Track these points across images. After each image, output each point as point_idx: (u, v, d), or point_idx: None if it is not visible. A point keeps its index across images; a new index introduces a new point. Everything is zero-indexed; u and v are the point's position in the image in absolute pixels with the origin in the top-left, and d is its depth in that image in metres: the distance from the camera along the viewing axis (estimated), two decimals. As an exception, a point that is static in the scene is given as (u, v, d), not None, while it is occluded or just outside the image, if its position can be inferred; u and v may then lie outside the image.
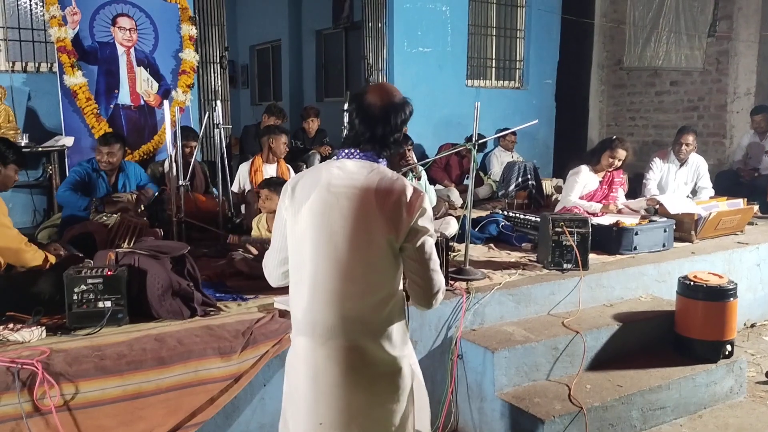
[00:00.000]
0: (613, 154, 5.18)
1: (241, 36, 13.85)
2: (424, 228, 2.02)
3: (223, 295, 3.57)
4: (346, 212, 1.99)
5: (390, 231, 1.98)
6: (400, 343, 2.09)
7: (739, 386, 3.96)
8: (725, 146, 8.40)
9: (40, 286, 3.24)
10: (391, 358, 2.07)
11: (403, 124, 2.13)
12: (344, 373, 2.03)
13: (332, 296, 2.02)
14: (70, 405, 2.56)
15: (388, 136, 2.09)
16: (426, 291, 2.06)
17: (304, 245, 2.04)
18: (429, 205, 2.05)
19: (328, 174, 2.05)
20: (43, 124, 5.93)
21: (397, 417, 2.10)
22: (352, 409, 2.05)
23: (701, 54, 8.52)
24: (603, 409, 3.38)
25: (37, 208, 5.87)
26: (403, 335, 2.12)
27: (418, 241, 2.01)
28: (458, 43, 8.40)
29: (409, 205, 1.99)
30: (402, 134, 2.16)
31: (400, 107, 2.11)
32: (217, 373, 2.86)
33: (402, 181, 2.05)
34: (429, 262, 2.05)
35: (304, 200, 2.04)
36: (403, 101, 2.13)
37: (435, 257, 2.06)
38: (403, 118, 2.12)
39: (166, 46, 6.35)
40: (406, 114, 2.13)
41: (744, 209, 5.48)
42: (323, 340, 2.04)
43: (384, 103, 2.09)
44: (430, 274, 2.05)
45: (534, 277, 4.15)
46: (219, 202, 4.91)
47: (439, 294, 2.09)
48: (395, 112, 2.10)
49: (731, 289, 3.89)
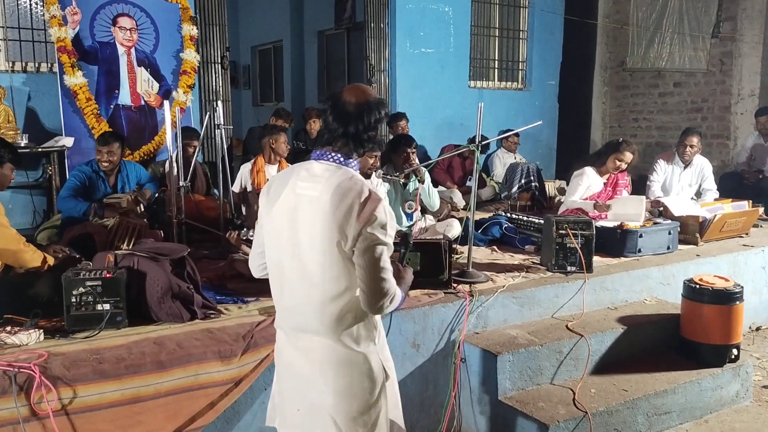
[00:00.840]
0: (620, 156, 5.13)
1: (242, 36, 13.82)
2: (372, 235, 2.00)
3: (224, 297, 3.53)
4: (305, 215, 2.06)
5: (340, 235, 2.00)
6: (364, 340, 2.15)
7: (745, 391, 3.92)
8: (729, 148, 8.35)
9: (38, 288, 3.20)
10: (356, 354, 2.14)
11: (377, 123, 2.14)
12: (312, 367, 2.15)
13: (296, 294, 2.13)
14: (67, 409, 2.53)
15: (362, 133, 2.11)
16: (369, 298, 2.05)
17: (273, 243, 2.16)
18: (385, 213, 2.02)
19: (297, 176, 2.12)
20: (43, 124, 5.90)
21: (370, 410, 2.17)
22: (324, 400, 2.15)
23: (705, 55, 8.48)
24: (608, 413, 3.34)
25: (36, 209, 5.84)
26: (367, 333, 2.16)
27: (365, 248, 2.01)
28: (461, 43, 8.37)
29: (360, 211, 1.99)
30: (376, 133, 2.16)
31: (375, 106, 2.13)
32: (218, 377, 2.83)
33: (359, 186, 2.04)
34: (373, 270, 2.02)
35: (275, 200, 2.13)
36: (378, 101, 2.15)
37: (383, 266, 2.03)
38: (377, 117, 2.13)
39: (167, 46, 6.31)
40: (380, 114, 2.14)
41: (749, 211, 5.43)
42: (293, 334, 2.19)
43: (359, 101, 2.11)
44: (373, 283, 2.03)
45: (538, 279, 4.10)
46: (220, 203, 4.86)
47: (386, 303, 2.07)
48: (369, 110, 2.11)
49: (737, 293, 3.84)
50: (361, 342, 2.14)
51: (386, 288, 2.05)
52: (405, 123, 7.28)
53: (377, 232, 2.00)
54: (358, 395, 2.15)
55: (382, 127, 2.20)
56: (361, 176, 2.12)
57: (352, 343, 2.12)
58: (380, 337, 2.27)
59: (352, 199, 2.00)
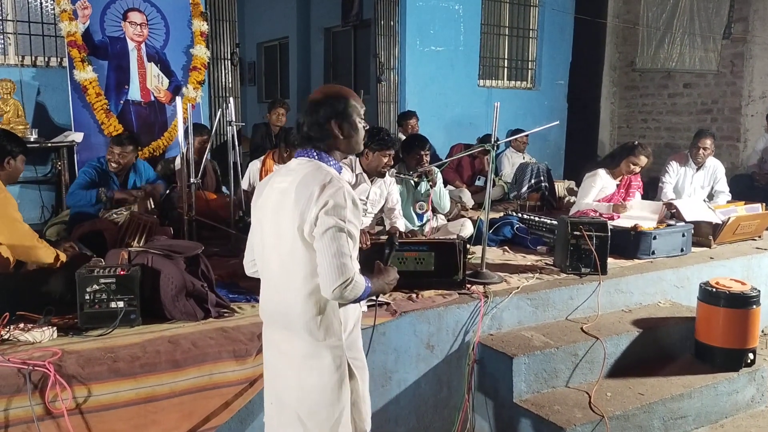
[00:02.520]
0: (635, 160, 5.09)
1: (248, 33, 13.77)
2: (329, 220, 2.02)
3: (236, 296, 3.50)
4: (274, 206, 2.16)
5: (300, 221, 2.06)
6: (330, 335, 2.16)
7: (760, 395, 3.88)
8: (739, 150, 8.30)
9: (50, 285, 3.18)
10: (320, 349, 2.16)
11: (328, 118, 2.17)
12: (281, 360, 2.25)
13: (269, 285, 2.26)
14: (82, 408, 2.50)
15: (307, 129, 2.18)
16: (324, 279, 2.04)
17: (256, 238, 2.29)
18: (345, 199, 2.05)
19: (277, 172, 2.27)
20: (53, 119, 5.87)
21: (333, 406, 2.18)
22: (291, 394, 2.23)
23: (716, 56, 8.43)
24: (624, 417, 3.30)
25: (45, 205, 5.81)
26: (328, 327, 2.16)
27: (321, 231, 2.03)
28: (471, 42, 8.33)
29: (318, 196, 2.04)
30: (323, 128, 2.17)
31: (326, 101, 2.18)
32: (232, 376, 2.80)
33: (322, 174, 2.10)
34: (328, 252, 2.03)
35: (258, 197, 2.28)
36: (332, 96, 2.20)
37: (340, 249, 2.03)
38: (327, 114, 2.16)
39: (177, 41, 6.28)
40: (329, 110, 2.17)
41: (762, 214, 5.39)
42: (268, 327, 2.32)
43: (313, 97, 2.21)
44: (328, 266, 2.03)
45: (552, 281, 4.07)
46: (230, 200, 4.83)
47: (342, 287, 2.03)
48: (318, 106, 2.18)
49: (754, 296, 3.80)
50: (327, 337, 2.16)
51: (341, 271, 2.02)
52: (415, 122, 7.24)
53: (334, 216, 2.03)
54: (322, 391, 2.17)
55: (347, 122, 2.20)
56: (331, 169, 2.16)
57: (317, 337, 2.15)
58: (350, 332, 2.25)
59: (313, 186, 2.06)
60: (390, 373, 3.33)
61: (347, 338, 2.23)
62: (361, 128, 2.25)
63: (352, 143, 2.25)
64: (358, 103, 2.26)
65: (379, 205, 4.69)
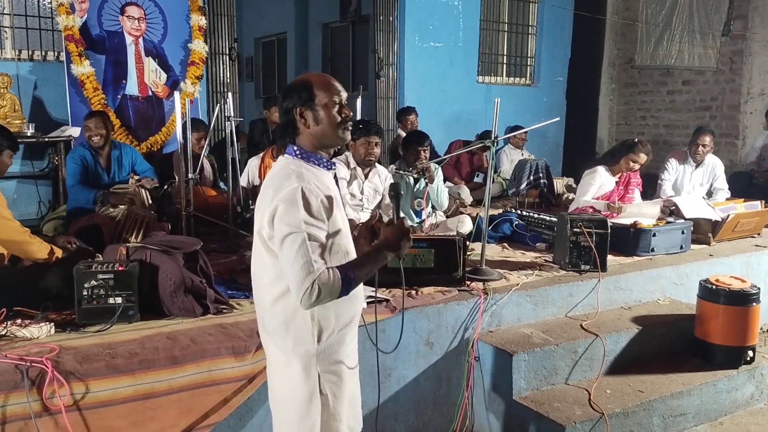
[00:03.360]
0: (634, 157, 5.07)
1: (246, 28, 13.71)
2: (281, 227, 1.91)
3: (235, 292, 3.49)
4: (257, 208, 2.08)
5: (259, 226, 2.01)
6: (292, 344, 2.05)
7: (759, 393, 3.88)
8: (737, 147, 8.30)
9: (47, 280, 3.16)
10: (284, 355, 2.08)
11: (291, 108, 2.03)
12: (267, 364, 2.21)
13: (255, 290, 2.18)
14: (80, 405, 2.48)
15: (280, 121, 2.09)
16: (292, 290, 1.92)
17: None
18: (298, 200, 1.90)
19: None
20: (50, 113, 5.83)
21: (303, 420, 2.07)
22: (270, 399, 2.21)
23: (715, 53, 8.42)
24: (624, 415, 3.29)
25: (42, 200, 5.78)
26: (298, 335, 2.04)
27: (277, 238, 1.94)
28: (470, 38, 8.31)
29: (272, 199, 1.95)
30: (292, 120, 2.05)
31: (291, 90, 2.06)
32: (231, 373, 2.78)
33: (283, 175, 1.98)
34: (286, 260, 1.91)
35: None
36: (296, 84, 2.06)
37: (295, 257, 1.89)
38: (290, 103, 2.04)
39: (175, 36, 6.25)
40: (293, 99, 2.04)
41: (762, 211, 5.38)
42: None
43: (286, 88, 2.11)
44: (289, 274, 1.91)
45: (551, 278, 4.06)
46: (229, 196, 4.81)
47: (305, 295, 1.87)
48: (285, 95, 2.07)
49: (754, 294, 3.80)
50: (295, 345, 2.05)
51: (301, 277, 1.87)
52: (414, 117, 7.21)
53: (286, 222, 1.90)
54: (292, 401, 2.09)
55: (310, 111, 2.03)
56: (300, 165, 2.02)
57: (284, 345, 2.06)
58: (330, 336, 2.08)
59: (269, 189, 1.99)
60: (389, 370, 3.32)
61: (326, 343, 2.07)
62: (330, 119, 2.03)
63: (320, 135, 2.05)
64: (328, 91, 2.04)
65: (374, 201, 4.66)
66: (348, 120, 2.08)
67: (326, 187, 2.03)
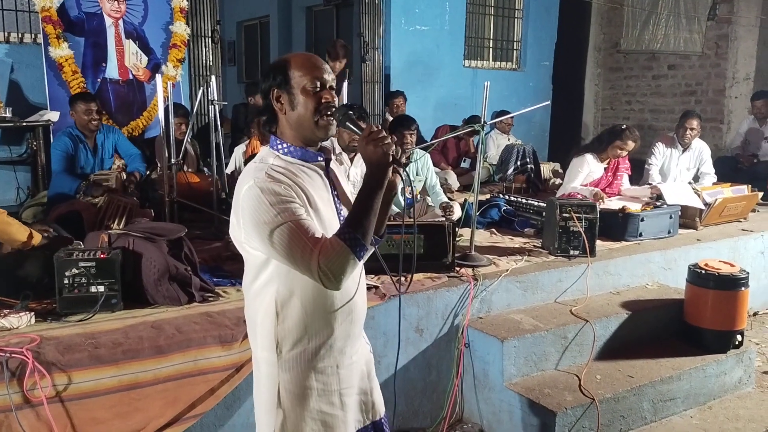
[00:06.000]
0: (622, 144, 5.04)
1: (228, 11, 13.45)
2: (259, 230, 1.72)
3: (221, 279, 3.43)
4: None
5: (231, 227, 1.82)
6: (267, 347, 1.85)
7: (748, 377, 3.89)
8: (722, 132, 8.32)
9: (27, 268, 3.08)
10: (258, 357, 1.91)
11: (267, 91, 1.83)
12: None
13: None
14: (62, 396, 2.42)
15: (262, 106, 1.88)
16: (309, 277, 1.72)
17: None
18: (260, 195, 1.70)
19: None
20: (27, 97, 5.68)
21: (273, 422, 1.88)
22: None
23: (700, 38, 8.40)
24: (615, 400, 3.28)
25: (20, 186, 5.65)
26: (271, 339, 1.84)
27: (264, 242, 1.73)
28: (456, 21, 8.22)
29: (239, 203, 1.75)
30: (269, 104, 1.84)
31: (268, 71, 1.84)
32: (218, 362, 2.73)
33: (251, 172, 1.77)
34: (282, 255, 1.72)
35: None
36: (274, 64, 1.85)
37: (290, 250, 1.68)
38: (267, 85, 1.83)
39: (156, 18, 6.10)
40: (269, 81, 1.82)
41: (749, 196, 5.39)
42: None
43: None
44: (296, 266, 1.72)
45: (541, 263, 4.03)
46: (213, 181, 4.72)
47: (322, 276, 1.67)
48: (263, 77, 1.86)
49: (743, 278, 3.80)
50: (266, 348, 1.86)
51: (307, 266, 1.68)
52: (402, 101, 7.14)
53: (261, 223, 1.70)
54: (261, 405, 1.93)
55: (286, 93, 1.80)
56: (268, 159, 1.82)
57: (255, 346, 1.91)
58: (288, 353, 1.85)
59: (238, 189, 1.78)
60: (379, 357, 3.25)
61: (288, 354, 1.85)
62: (306, 104, 1.79)
63: (297, 123, 1.81)
64: (306, 70, 1.80)
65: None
66: (329, 106, 1.79)
67: (304, 179, 1.80)
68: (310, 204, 1.77)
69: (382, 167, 1.69)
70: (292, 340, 1.84)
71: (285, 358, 1.85)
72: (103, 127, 4.98)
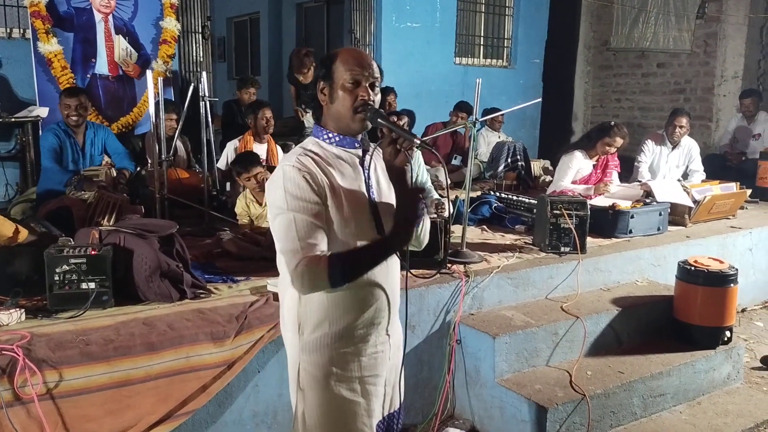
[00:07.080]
0: (611, 141, 5.06)
1: (218, 7, 13.40)
2: (270, 209, 1.84)
3: (213, 276, 3.41)
4: None
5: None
6: (291, 328, 1.95)
7: (736, 372, 3.92)
8: (711, 130, 8.37)
9: (16, 265, 3.04)
10: (286, 338, 2.02)
11: (316, 81, 1.93)
12: None
13: None
14: (53, 393, 2.40)
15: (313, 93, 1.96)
16: (287, 269, 1.80)
17: None
18: (281, 179, 1.79)
19: None
20: (16, 93, 5.64)
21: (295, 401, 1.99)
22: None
23: (689, 36, 8.44)
24: (605, 396, 3.30)
25: (9, 182, 5.61)
26: (294, 320, 1.92)
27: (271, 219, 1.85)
28: (447, 19, 8.23)
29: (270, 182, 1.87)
30: (315, 94, 1.93)
31: (320, 62, 1.95)
32: (210, 359, 2.72)
33: (290, 153, 1.89)
34: (276, 240, 1.83)
35: None
36: (325, 56, 1.94)
37: (284, 239, 1.78)
38: (316, 76, 1.95)
39: (146, 13, 6.07)
40: (318, 71, 1.93)
41: (737, 193, 5.44)
42: None
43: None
44: (282, 254, 1.82)
45: (532, 260, 4.04)
46: (204, 178, 4.70)
47: (295, 277, 1.76)
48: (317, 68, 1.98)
49: (732, 275, 3.83)
50: (290, 332, 1.97)
51: (288, 260, 1.77)
52: (393, 98, 7.13)
53: (272, 202, 1.82)
54: (291, 387, 2.02)
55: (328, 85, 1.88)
56: (307, 145, 1.91)
57: (284, 330, 2.01)
58: (309, 336, 1.91)
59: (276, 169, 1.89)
60: (371, 354, 3.27)
61: (309, 337, 1.91)
62: (343, 100, 1.84)
63: (335, 116, 1.88)
64: (348, 67, 1.85)
65: None
66: (366, 105, 1.84)
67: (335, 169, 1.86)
68: (333, 191, 1.83)
69: (408, 227, 1.75)
70: (313, 322, 1.91)
71: (306, 339, 1.92)
72: (92, 125, 4.94)
